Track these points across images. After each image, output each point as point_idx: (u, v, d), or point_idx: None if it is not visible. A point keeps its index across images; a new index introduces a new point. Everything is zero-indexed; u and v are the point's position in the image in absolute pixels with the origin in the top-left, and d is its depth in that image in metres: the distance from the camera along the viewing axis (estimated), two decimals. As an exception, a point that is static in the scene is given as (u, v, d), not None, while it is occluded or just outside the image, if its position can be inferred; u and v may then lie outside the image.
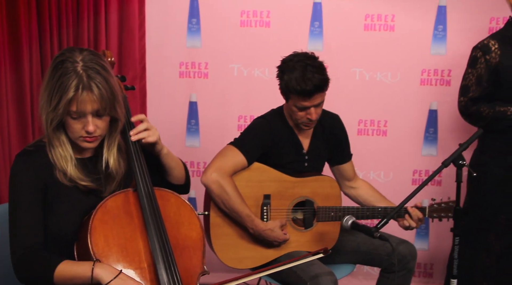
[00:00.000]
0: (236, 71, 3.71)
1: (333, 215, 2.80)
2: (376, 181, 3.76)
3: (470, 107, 3.08)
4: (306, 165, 2.90)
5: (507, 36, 3.06)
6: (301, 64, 2.66)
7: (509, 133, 3.06)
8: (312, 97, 2.67)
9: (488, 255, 3.25)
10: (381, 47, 3.65)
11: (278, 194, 2.78)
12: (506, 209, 3.12)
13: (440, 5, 3.61)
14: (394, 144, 3.76)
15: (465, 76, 3.12)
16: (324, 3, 3.63)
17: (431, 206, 2.79)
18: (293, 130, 2.86)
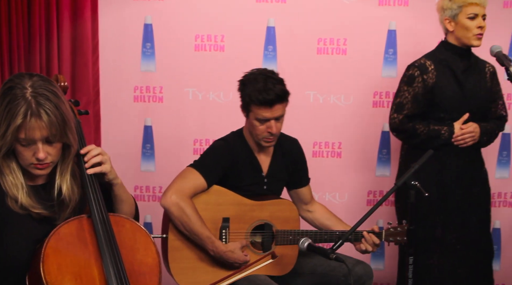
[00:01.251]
0: (191, 95, 3.72)
1: (291, 239, 2.80)
2: (332, 203, 3.80)
3: (405, 124, 3.15)
4: (265, 188, 2.91)
5: (440, 58, 3.17)
6: (263, 77, 2.72)
7: (442, 153, 3.14)
8: (273, 108, 2.70)
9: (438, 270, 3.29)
10: (334, 70, 3.71)
11: (237, 217, 2.78)
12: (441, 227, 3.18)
13: (390, 29, 3.70)
14: (348, 165, 3.81)
15: (400, 94, 3.19)
16: (277, 27, 3.68)
17: (387, 230, 2.84)
18: (253, 153, 2.88)
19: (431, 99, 3.14)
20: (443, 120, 3.14)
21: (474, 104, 3.15)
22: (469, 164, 3.20)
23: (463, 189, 3.18)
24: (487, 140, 3.22)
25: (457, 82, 3.13)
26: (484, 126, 3.16)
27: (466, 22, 3.07)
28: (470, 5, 3.05)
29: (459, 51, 3.15)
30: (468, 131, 3.11)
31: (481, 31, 3.06)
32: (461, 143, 3.13)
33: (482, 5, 3.06)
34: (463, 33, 3.09)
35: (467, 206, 3.19)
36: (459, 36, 3.11)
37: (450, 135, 3.12)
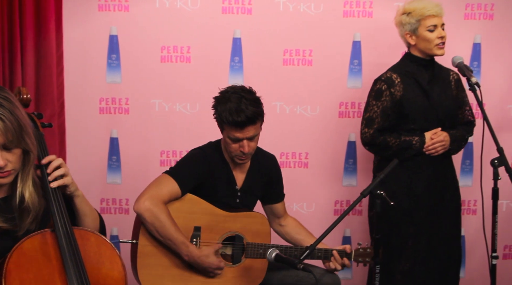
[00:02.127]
0: (158, 107, 3.70)
1: (261, 252, 2.80)
2: (299, 213, 3.81)
3: (377, 138, 3.20)
4: (237, 201, 2.91)
5: (405, 70, 3.22)
6: (236, 96, 2.70)
7: (413, 163, 3.19)
8: (245, 129, 2.70)
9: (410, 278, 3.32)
10: (300, 81, 3.74)
11: (209, 227, 2.77)
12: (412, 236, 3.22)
13: (355, 40, 3.75)
14: (315, 175, 3.83)
15: (369, 108, 3.24)
16: (243, 38, 3.69)
17: (356, 251, 2.86)
18: (229, 165, 2.88)
19: (399, 111, 3.19)
20: (413, 131, 3.19)
21: (442, 113, 3.20)
22: (440, 172, 3.25)
23: (435, 197, 3.22)
24: (457, 147, 3.27)
25: (423, 93, 3.18)
26: (453, 134, 3.21)
27: (426, 34, 3.13)
28: (428, 18, 3.12)
29: (423, 62, 3.20)
30: (439, 140, 3.16)
31: (442, 41, 3.13)
32: (432, 152, 3.17)
33: (439, 15, 3.13)
34: (425, 45, 3.15)
35: (439, 214, 3.23)
36: (421, 48, 3.17)
37: (422, 145, 3.16)
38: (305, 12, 3.69)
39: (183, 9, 3.64)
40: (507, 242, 3.97)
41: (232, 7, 3.67)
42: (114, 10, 3.61)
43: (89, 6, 3.60)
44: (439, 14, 3.12)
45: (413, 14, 3.15)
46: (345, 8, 3.71)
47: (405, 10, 3.20)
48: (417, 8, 3.14)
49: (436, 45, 3.12)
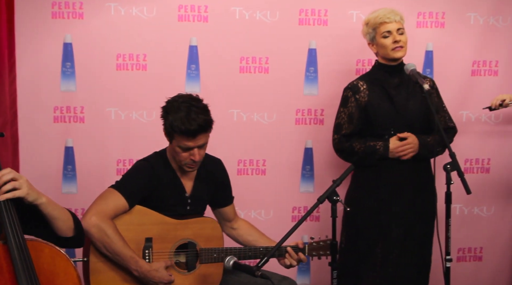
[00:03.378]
0: (114, 115, 3.67)
1: (216, 257, 2.80)
2: (257, 220, 3.82)
3: (343, 144, 3.25)
4: (188, 208, 2.90)
5: (374, 78, 3.28)
6: (186, 105, 2.70)
7: (379, 167, 3.23)
8: (196, 138, 2.69)
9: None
10: (256, 88, 3.75)
11: (160, 237, 2.75)
12: (381, 242, 3.26)
13: (310, 48, 3.78)
14: (273, 182, 3.85)
15: (338, 115, 3.31)
16: (200, 46, 3.69)
17: (310, 245, 2.88)
18: (176, 173, 2.87)
19: (365, 117, 3.24)
20: (381, 137, 3.22)
21: (409, 118, 3.23)
22: (410, 176, 3.26)
23: (404, 202, 3.24)
24: (428, 152, 3.25)
25: (389, 98, 3.23)
26: (423, 139, 3.23)
27: (382, 41, 3.19)
28: (381, 25, 3.18)
29: (390, 69, 3.25)
30: (407, 143, 3.20)
31: (398, 44, 3.17)
32: (401, 154, 3.21)
33: (393, 21, 3.18)
34: (383, 51, 3.22)
35: (409, 218, 3.25)
36: (381, 54, 3.24)
37: (386, 150, 3.19)
38: (261, 20, 3.71)
39: (138, 16, 3.62)
40: (460, 245, 4.07)
41: (188, 15, 3.66)
42: (68, 18, 3.57)
43: (42, 13, 3.54)
44: (392, 19, 3.18)
45: (369, 24, 3.23)
46: (300, 16, 3.74)
47: (365, 21, 3.28)
48: (372, 17, 3.23)
49: (392, 49, 3.18)
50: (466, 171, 3.93)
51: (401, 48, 3.19)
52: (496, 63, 3.93)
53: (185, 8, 3.65)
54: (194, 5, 3.65)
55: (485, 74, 3.94)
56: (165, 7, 3.64)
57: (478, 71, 3.93)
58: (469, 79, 3.92)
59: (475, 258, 4.11)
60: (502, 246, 4.12)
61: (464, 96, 3.93)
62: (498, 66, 3.93)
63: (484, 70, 3.93)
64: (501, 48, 3.92)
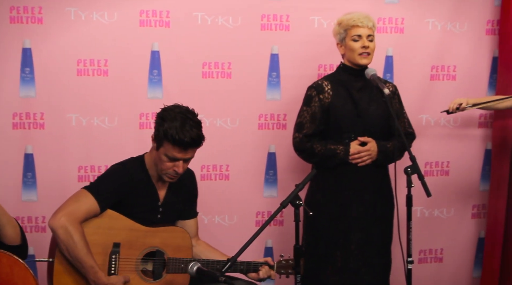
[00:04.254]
0: (75, 121, 3.62)
1: (183, 267, 2.78)
2: (221, 225, 3.82)
3: (304, 144, 3.26)
4: (159, 217, 2.88)
5: (338, 79, 3.31)
6: (182, 116, 2.69)
7: (339, 171, 3.26)
8: (187, 151, 2.70)
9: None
10: (219, 93, 3.75)
11: (128, 243, 2.73)
12: (341, 246, 3.28)
13: (273, 53, 3.80)
14: (236, 187, 3.85)
15: (300, 114, 3.31)
16: (162, 51, 3.67)
17: (279, 262, 2.89)
18: (151, 180, 2.85)
19: (327, 118, 3.26)
20: (342, 139, 3.25)
21: (370, 122, 3.27)
22: (369, 181, 3.29)
23: (364, 206, 3.27)
24: (385, 159, 3.30)
25: (352, 101, 3.26)
26: (382, 145, 3.27)
27: (351, 44, 3.22)
28: (353, 28, 3.21)
29: (354, 72, 3.28)
30: (365, 150, 3.23)
31: (366, 50, 3.20)
32: (358, 161, 3.24)
33: (366, 26, 3.21)
34: (350, 55, 3.24)
35: (369, 223, 3.28)
36: (348, 57, 3.27)
37: (346, 154, 3.22)
38: (223, 25, 3.71)
39: (99, 21, 3.58)
40: (421, 247, 4.13)
41: (150, 20, 3.64)
42: (27, 23, 3.51)
43: (0, 18, 3.47)
44: (365, 25, 3.20)
45: (342, 25, 3.25)
46: (262, 22, 3.76)
47: (338, 21, 3.29)
48: (345, 19, 3.24)
49: (359, 54, 3.20)
50: (426, 174, 4.00)
51: (368, 55, 3.22)
52: (454, 68, 4.01)
53: (146, 13, 3.63)
54: (155, 10, 3.63)
55: (444, 78, 4.01)
56: (126, 12, 3.61)
57: (437, 76, 4.00)
58: (428, 83, 3.99)
59: (436, 260, 4.18)
60: (461, 247, 4.21)
61: (423, 100, 4.00)
62: (456, 71, 4.02)
63: (443, 74, 4.01)
64: (459, 53, 4.00)
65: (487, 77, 4.07)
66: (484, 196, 4.17)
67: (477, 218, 4.20)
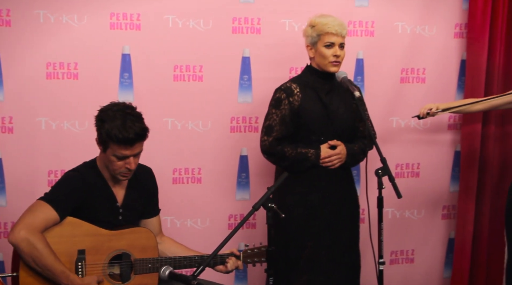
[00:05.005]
0: (44, 125, 3.57)
1: (150, 267, 2.77)
2: (194, 228, 3.80)
3: (274, 147, 3.25)
4: (120, 218, 2.86)
5: (306, 82, 3.30)
6: (121, 113, 2.67)
7: (309, 174, 3.27)
8: (134, 146, 2.68)
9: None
10: (191, 96, 3.74)
11: (93, 249, 2.70)
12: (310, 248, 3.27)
13: (244, 56, 3.80)
14: (208, 190, 3.84)
15: (269, 117, 3.29)
16: (132, 54, 3.65)
17: (245, 252, 2.89)
18: (107, 183, 2.82)
19: (297, 121, 3.25)
20: (312, 142, 3.25)
21: (339, 125, 3.28)
22: (337, 184, 3.31)
23: (332, 208, 3.28)
24: (354, 161, 3.35)
25: (321, 104, 3.26)
26: (351, 148, 3.29)
27: (323, 50, 3.21)
28: (327, 34, 3.19)
29: (322, 75, 3.28)
30: (335, 153, 3.24)
31: (337, 59, 3.21)
32: (328, 164, 3.25)
33: (339, 35, 3.20)
34: (320, 60, 3.23)
35: (337, 224, 3.29)
36: (317, 62, 3.26)
37: (317, 158, 3.23)
38: (194, 29, 3.70)
39: (69, 24, 3.54)
40: (393, 248, 4.17)
41: (121, 23, 3.62)
42: (-6, 25, 3.47)
43: (-32, 20, 3.44)
44: (339, 33, 3.19)
45: (315, 28, 3.23)
46: (234, 25, 3.76)
47: (311, 22, 3.27)
48: (320, 23, 3.22)
49: (330, 62, 3.20)
50: (397, 175, 4.03)
51: (338, 64, 3.23)
52: (423, 71, 4.06)
53: (117, 16, 3.61)
54: (126, 13, 3.61)
55: (413, 81, 4.06)
56: (96, 15, 3.58)
57: (406, 79, 4.05)
58: (399, 86, 4.03)
59: (407, 260, 4.22)
60: (432, 248, 4.25)
61: (393, 103, 4.04)
62: (426, 73, 4.07)
63: (412, 77, 4.06)
64: (428, 56, 4.05)
65: (456, 80, 4.13)
66: (454, 197, 4.23)
67: (447, 219, 4.26)
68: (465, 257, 4.12)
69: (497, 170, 4.14)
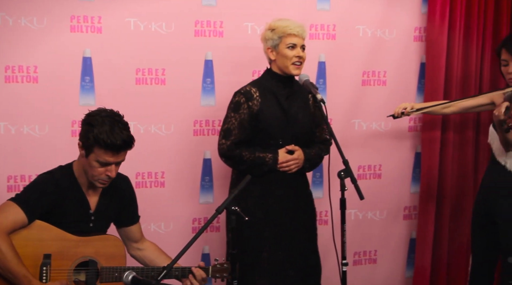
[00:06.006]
0: (3, 129, 3.50)
1: (117, 276, 2.74)
2: (157, 233, 3.78)
3: (232, 151, 3.26)
4: (91, 225, 2.83)
5: (265, 86, 3.32)
6: (110, 120, 2.66)
7: (266, 179, 3.28)
8: (119, 154, 2.67)
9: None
10: (153, 100, 3.72)
11: (60, 254, 2.67)
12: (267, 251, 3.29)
13: (207, 59, 3.80)
14: (172, 194, 3.82)
15: (228, 120, 3.30)
16: (94, 57, 3.61)
17: (214, 266, 2.88)
18: (81, 188, 2.79)
19: (256, 125, 3.26)
20: (270, 146, 3.27)
21: (298, 129, 3.31)
22: (293, 188, 3.33)
23: (289, 212, 3.30)
24: (311, 166, 3.39)
25: (280, 108, 3.28)
26: (308, 153, 3.33)
27: (285, 51, 3.23)
28: (289, 36, 3.23)
29: (282, 79, 3.30)
30: (292, 158, 3.27)
31: (299, 60, 3.24)
32: (286, 169, 3.27)
33: (301, 36, 3.25)
34: (282, 62, 3.25)
35: (294, 227, 3.32)
36: (279, 65, 3.28)
37: (275, 162, 3.25)
38: (156, 32, 3.68)
39: (28, 27, 3.48)
40: (356, 249, 4.21)
41: (81, 25, 3.58)
42: (-48, 28, 3.39)
43: None
44: (300, 34, 3.24)
45: (276, 31, 3.25)
46: (196, 28, 3.75)
47: (270, 26, 3.30)
48: (281, 26, 3.25)
49: (293, 63, 3.23)
50: (359, 177, 4.08)
51: (300, 65, 3.26)
52: (384, 74, 4.12)
53: (77, 18, 3.56)
54: (87, 16, 3.57)
55: (375, 84, 4.12)
56: (56, 18, 3.53)
57: (368, 81, 4.10)
58: (360, 89, 4.08)
59: (370, 261, 4.27)
60: (394, 248, 4.32)
61: (355, 105, 4.09)
62: (386, 76, 4.13)
63: (374, 80, 4.11)
64: (388, 59, 4.12)
65: (416, 82, 4.20)
66: (415, 198, 4.30)
67: (408, 219, 4.32)
68: (426, 256, 4.18)
69: (456, 172, 4.22)
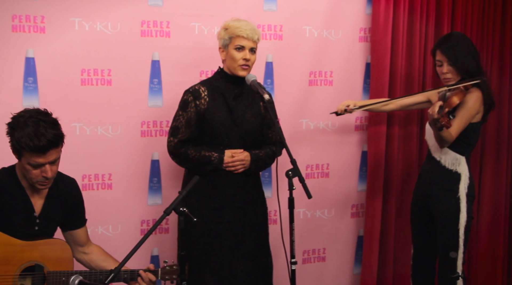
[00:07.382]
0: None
1: (64, 280, 2.70)
2: (105, 235, 3.73)
3: (179, 149, 3.27)
4: (36, 229, 2.77)
5: (215, 85, 3.33)
6: (33, 120, 2.58)
7: (213, 177, 3.30)
8: (47, 154, 2.59)
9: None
10: (99, 101, 3.67)
11: (4, 259, 2.61)
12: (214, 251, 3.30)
13: (153, 59, 3.76)
14: (120, 196, 3.78)
15: (176, 118, 3.32)
16: (37, 58, 3.53)
17: (163, 268, 2.86)
18: (25, 191, 2.74)
19: (203, 124, 3.27)
20: (217, 146, 3.28)
21: (244, 130, 3.32)
22: (241, 188, 3.35)
23: (237, 211, 3.32)
24: (258, 167, 3.40)
25: (227, 108, 3.29)
26: (255, 155, 3.35)
27: (233, 53, 3.25)
28: (238, 38, 3.25)
29: (232, 79, 3.32)
30: (239, 159, 3.28)
31: (246, 63, 3.26)
32: (232, 169, 3.29)
33: (251, 39, 3.26)
34: (230, 63, 3.28)
35: (242, 226, 3.33)
36: (227, 65, 3.30)
37: (220, 162, 3.26)
38: (102, 32, 3.63)
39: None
40: (305, 247, 4.25)
41: (24, 25, 3.50)
42: None
43: None
44: (250, 37, 3.25)
45: (228, 31, 3.27)
46: (142, 28, 3.72)
47: (225, 25, 3.31)
48: (233, 26, 3.26)
49: (239, 65, 3.25)
50: (307, 176, 4.13)
51: (247, 68, 3.28)
52: (330, 74, 4.17)
53: (19, 18, 3.48)
54: (29, 15, 3.49)
55: (321, 84, 4.17)
56: (-3, 18, 3.45)
57: (315, 81, 4.15)
58: (307, 89, 4.12)
59: (319, 259, 4.32)
60: (343, 246, 4.38)
61: (303, 105, 4.12)
62: (333, 76, 4.18)
63: (320, 80, 4.16)
64: (335, 59, 4.17)
65: (362, 82, 4.27)
66: (362, 196, 4.37)
67: (356, 217, 4.39)
68: (374, 253, 4.26)
69: (402, 169, 4.31)
